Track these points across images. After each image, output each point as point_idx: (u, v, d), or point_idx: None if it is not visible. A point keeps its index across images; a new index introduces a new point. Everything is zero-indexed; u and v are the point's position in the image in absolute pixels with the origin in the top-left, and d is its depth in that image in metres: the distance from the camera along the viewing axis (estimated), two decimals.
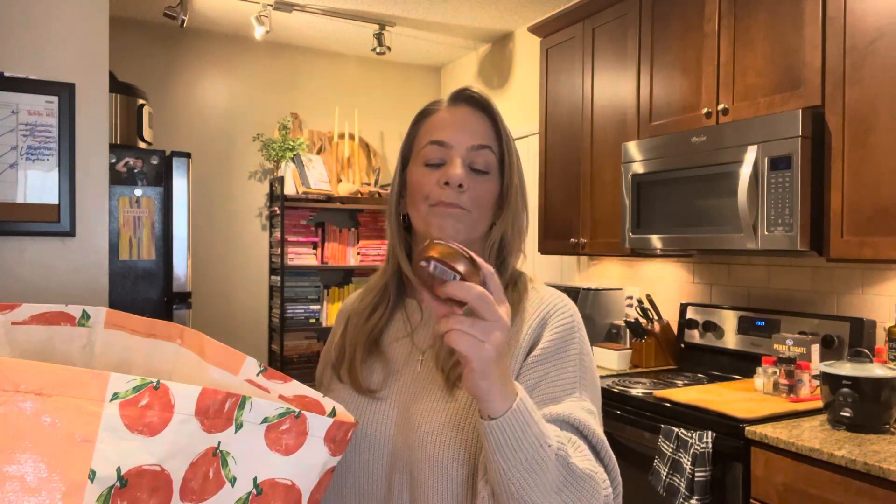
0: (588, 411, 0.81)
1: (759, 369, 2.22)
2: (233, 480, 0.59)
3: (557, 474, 0.70)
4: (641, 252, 2.66)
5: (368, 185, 4.44)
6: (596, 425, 0.81)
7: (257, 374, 0.77)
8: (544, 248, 3.25)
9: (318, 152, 4.41)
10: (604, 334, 3.06)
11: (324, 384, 0.98)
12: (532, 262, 3.80)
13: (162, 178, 2.95)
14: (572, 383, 0.83)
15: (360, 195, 4.31)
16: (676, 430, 1.99)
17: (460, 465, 0.79)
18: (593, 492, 0.73)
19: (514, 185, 0.92)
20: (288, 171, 4.19)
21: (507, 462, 0.68)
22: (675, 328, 2.85)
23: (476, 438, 0.80)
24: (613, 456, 0.80)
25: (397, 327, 0.96)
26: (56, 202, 2.25)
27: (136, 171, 2.90)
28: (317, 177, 4.23)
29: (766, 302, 2.55)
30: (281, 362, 4.16)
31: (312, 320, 4.28)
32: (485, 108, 0.93)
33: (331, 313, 4.33)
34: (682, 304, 2.82)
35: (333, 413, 0.72)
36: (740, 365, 2.52)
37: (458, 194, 0.88)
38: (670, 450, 1.99)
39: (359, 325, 0.95)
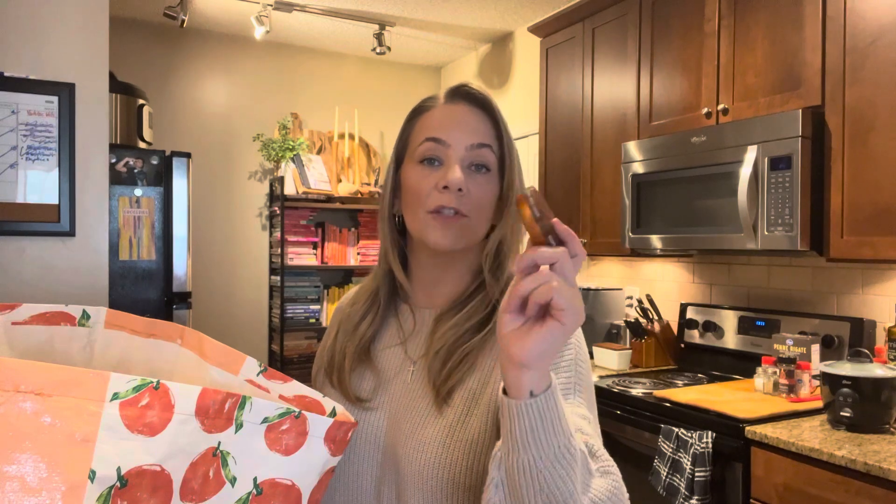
0: (583, 417, 0.78)
1: (759, 369, 2.22)
2: (233, 480, 0.59)
3: (585, 470, 0.66)
4: (641, 252, 2.66)
5: (368, 185, 4.44)
6: (592, 431, 0.77)
7: (257, 374, 0.77)
8: None
9: (318, 152, 4.41)
10: (604, 334, 3.06)
11: (317, 386, 0.96)
12: None
13: (162, 178, 2.95)
14: (566, 389, 0.80)
15: (360, 195, 4.31)
16: (676, 430, 1.99)
17: (444, 483, 0.78)
18: (620, 488, 0.69)
19: (514, 186, 0.88)
20: (288, 171, 4.19)
21: (540, 450, 0.61)
22: (675, 328, 2.85)
23: (461, 456, 0.78)
24: (614, 462, 0.78)
25: (390, 334, 0.93)
26: (56, 202, 2.25)
27: (136, 171, 2.90)
28: (317, 177, 4.23)
29: (766, 302, 2.55)
30: (281, 362, 4.16)
31: (312, 320, 4.28)
32: (484, 106, 0.89)
33: (331, 313, 4.32)
34: (682, 304, 2.82)
35: (333, 413, 0.72)
36: (740, 365, 2.52)
37: (458, 198, 0.84)
38: (670, 450, 1.99)
39: (348, 332, 0.93)
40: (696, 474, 1.89)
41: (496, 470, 0.66)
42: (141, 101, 3.14)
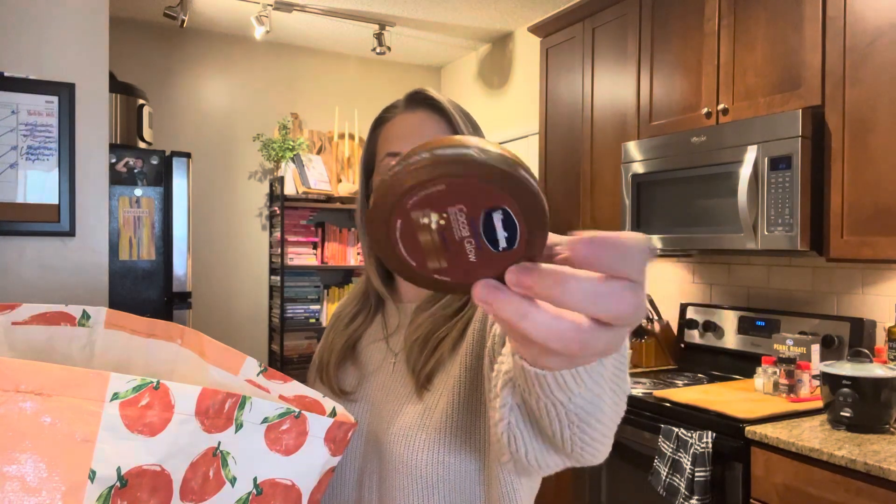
0: None
1: (759, 369, 2.22)
2: (233, 480, 0.59)
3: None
4: None
5: None
6: None
7: (257, 375, 0.77)
8: None
9: (318, 152, 4.41)
10: None
11: (308, 384, 0.99)
12: None
13: (162, 178, 2.95)
14: None
15: None
16: (676, 430, 1.99)
17: (426, 465, 0.79)
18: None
19: None
20: (288, 171, 4.19)
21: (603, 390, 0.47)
22: (675, 328, 2.85)
23: (442, 438, 0.79)
24: None
25: (375, 330, 0.97)
26: (56, 202, 2.25)
27: (136, 171, 2.90)
28: (317, 177, 4.23)
29: (766, 302, 2.55)
30: (281, 362, 4.16)
31: (312, 320, 4.28)
32: (442, 111, 0.88)
33: (331, 313, 4.33)
34: (682, 304, 2.82)
35: (334, 413, 0.72)
36: (740, 365, 2.52)
37: None
38: (670, 450, 1.99)
39: (338, 331, 0.97)
40: (696, 474, 1.89)
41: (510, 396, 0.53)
42: (141, 101, 3.14)
